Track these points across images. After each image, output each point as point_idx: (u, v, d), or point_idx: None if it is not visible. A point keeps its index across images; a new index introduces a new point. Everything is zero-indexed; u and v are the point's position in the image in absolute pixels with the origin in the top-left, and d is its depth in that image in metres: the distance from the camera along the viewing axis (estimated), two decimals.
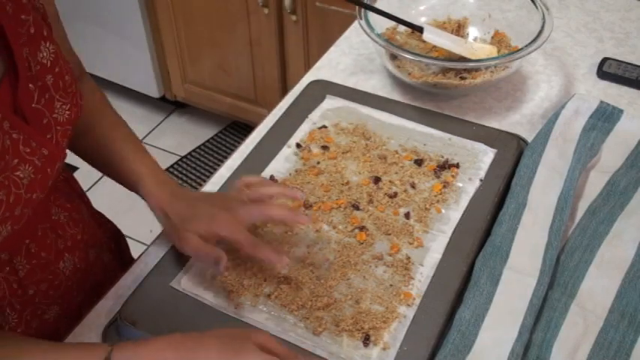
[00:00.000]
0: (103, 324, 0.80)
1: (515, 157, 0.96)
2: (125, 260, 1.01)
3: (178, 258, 0.83)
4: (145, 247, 0.90)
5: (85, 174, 2.18)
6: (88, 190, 2.15)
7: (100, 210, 0.99)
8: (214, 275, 0.81)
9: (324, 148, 0.97)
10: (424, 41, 1.09)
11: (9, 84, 0.67)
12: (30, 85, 0.68)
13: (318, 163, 0.95)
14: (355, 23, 1.23)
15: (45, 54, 0.70)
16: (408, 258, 0.83)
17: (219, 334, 0.67)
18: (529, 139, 0.99)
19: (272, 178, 0.93)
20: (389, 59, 1.08)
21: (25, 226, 0.73)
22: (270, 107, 1.11)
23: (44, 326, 0.82)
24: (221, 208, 0.79)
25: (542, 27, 1.03)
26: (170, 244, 0.86)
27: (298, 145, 0.98)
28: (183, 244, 0.78)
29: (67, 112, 0.73)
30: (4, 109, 0.66)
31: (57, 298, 0.83)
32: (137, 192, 0.86)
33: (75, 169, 2.33)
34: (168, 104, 2.53)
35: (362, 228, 0.86)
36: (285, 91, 2.09)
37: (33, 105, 0.69)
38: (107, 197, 2.36)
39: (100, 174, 0.91)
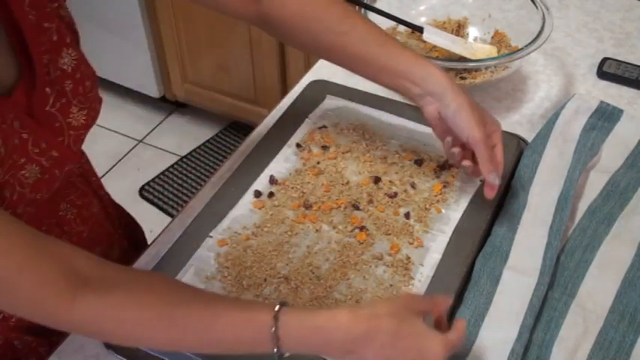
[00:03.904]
0: None
1: (515, 157, 0.96)
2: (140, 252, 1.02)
3: (178, 258, 0.83)
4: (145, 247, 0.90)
5: None
6: None
7: None
8: (214, 276, 0.82)
9: (324, 148, 0.97)
10: (424, 41, 1.09)
11: (25, 87, 0.69)
12: (47, 90, 0.70)
13: (318, 163, 0.95)
14: None
15: (66, 60, 0.72)
16: (408, 258, 0.83)
17: (390, 312, 0.64)
18: (529, 139, 0.99)
19: (272, 178, 0.93)
20: None
21: (29, 220, 0.74)
22: (270, 107, 1.11)
23: None
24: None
25: (542, 27, 1.03)
26: (170, 244, 0.86)
27: (298, 145, 0.98)
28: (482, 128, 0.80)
29: (84, 117, 0.75)
30: (16, 109, 0.68)
31: None
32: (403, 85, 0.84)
33: None
34: (169, 104, 2.52)
35: (362, 228, 0.86)
36: (285, 91, 2.08)
37: (47, 108, 0.71)
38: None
39: (103, 170, 0.91)
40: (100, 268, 0.63)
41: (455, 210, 0.89)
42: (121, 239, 0.97)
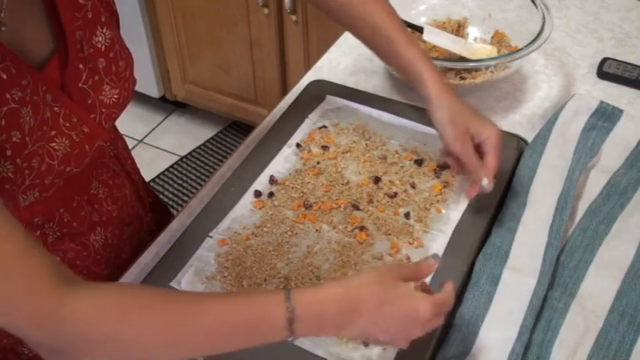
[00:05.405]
0: None
1: (515, 157, 0.96)
2: None
3: (178, 258, 0.83)
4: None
5: None
6: None
7: None
8: (214, 276, 0.82)
9: (324, 148, 0.97)
10: (424, 41, 1.09)
11: (59, 62, 0.71)
12: (80, 66, 0.72)
13: (318, 163, 0.95)
14: None
15: (100, 39, 0.74)
16: (408, 258, 0.83)
17: (375, 280, 0.66)
18: (529, 139, 0.99)
19: (272, 178, 0.93)
20: None
21: (60, 195, 0.76)
22: (270, 107, 1.11)
23: None
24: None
25: (542, 27, 1.03)
26: (169, 245, 0.86)
27: (298, 145, 0.98)
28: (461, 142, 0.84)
29: (116, 96, 0.77)
30: (49, 82, 0.69)
31: (83, 269, 0.84)
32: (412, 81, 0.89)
33: None
34: (168, 104, 2.52)
35: (362, 228, 0.86)
36: (285, 91, 2.08)
37: (80, 84, 0.73)
38: None
39: None
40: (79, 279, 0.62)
41: (455, 210, 0.89)
42: (151, 223, 0.99)
